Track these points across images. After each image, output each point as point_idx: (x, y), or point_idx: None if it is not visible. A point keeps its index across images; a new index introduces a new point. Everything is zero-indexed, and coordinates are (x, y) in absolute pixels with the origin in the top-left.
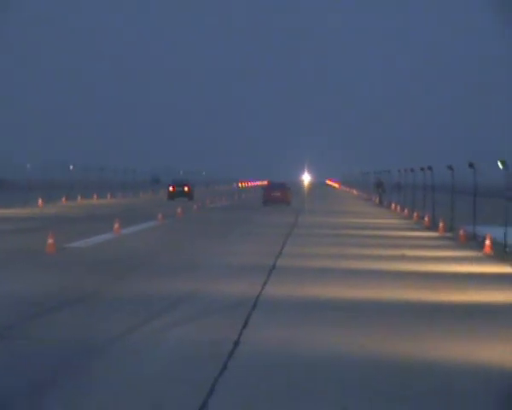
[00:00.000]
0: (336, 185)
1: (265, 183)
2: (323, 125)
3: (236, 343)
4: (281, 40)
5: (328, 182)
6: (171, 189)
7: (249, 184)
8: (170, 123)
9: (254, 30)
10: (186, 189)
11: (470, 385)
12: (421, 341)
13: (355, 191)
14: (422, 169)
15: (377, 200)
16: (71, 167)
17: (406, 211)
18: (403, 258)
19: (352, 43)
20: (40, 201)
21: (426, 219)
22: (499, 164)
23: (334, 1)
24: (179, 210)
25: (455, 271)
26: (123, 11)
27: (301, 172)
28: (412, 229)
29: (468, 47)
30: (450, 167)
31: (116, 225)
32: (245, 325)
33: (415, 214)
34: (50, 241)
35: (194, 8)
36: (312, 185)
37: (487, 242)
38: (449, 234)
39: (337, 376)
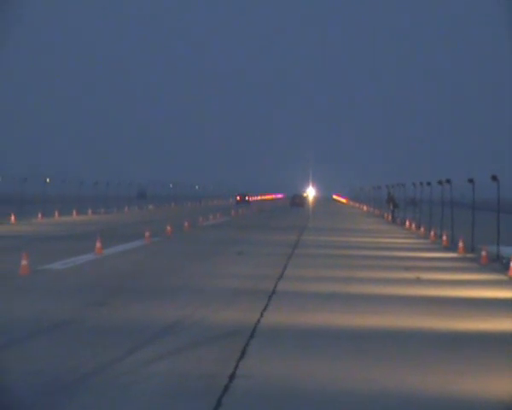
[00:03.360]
0: (344, 200)
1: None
2: (330, 137)
3: (232, 377)
4: (285, 50)
5: (335, 197)
6: (238, 198)
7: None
8: (161, 135)
9: (250, 38)
10: (247, 198)
11: None
12: (437, 374)
13: (365, 207)
14: (440, 183)
15: (389, 217)
16: (47, 180)
17: (422, 229)
18: (418, 282)
19: (361, 52)
20: (13, 217)
21: (444, 238)
22: None
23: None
24: (168, 228)
25: (476, 296)
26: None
27: (305, 186)
28: (429, 249)
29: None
30: (470, 181)
31: (98, 245)
32: (241, 357)
33: (431, 233)
34: (24, 262)
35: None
36: (317, 200)
37: None
38: (470, 255)
39: None
